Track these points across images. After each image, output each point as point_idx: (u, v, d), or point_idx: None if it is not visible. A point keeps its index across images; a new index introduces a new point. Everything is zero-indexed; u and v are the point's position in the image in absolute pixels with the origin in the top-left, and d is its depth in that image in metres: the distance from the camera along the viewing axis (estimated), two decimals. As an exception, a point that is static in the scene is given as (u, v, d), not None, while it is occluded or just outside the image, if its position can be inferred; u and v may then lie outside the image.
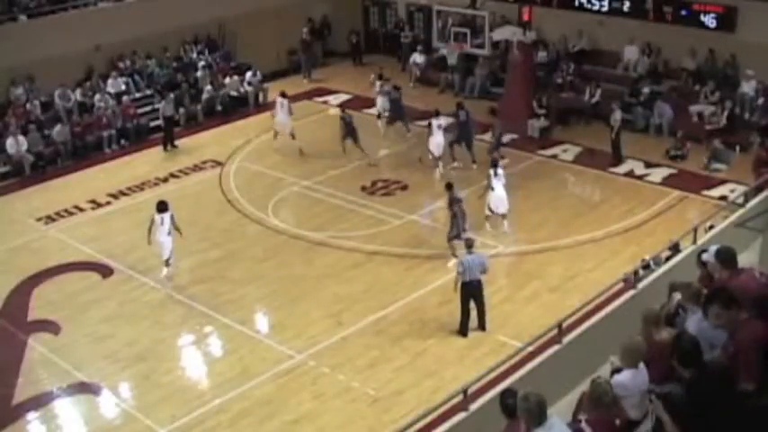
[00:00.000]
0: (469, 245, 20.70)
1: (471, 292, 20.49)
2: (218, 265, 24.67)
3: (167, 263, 23.88)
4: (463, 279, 20.26)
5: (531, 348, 13.81)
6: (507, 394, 10.14)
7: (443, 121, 29.91)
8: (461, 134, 30.15)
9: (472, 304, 20.74)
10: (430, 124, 29.72)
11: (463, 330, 20.79)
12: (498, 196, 25.36)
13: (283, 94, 32.43)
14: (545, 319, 17.08)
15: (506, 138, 31.88)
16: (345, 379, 19.46)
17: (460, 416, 11.47)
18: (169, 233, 23.56)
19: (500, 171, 25.47)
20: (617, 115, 30.04)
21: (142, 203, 28.74)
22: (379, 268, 24.09)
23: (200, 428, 18.28)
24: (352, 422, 18.16)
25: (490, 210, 25.56)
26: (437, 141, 29.67)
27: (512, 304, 22.05)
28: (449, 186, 24.28)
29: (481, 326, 20.95)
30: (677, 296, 11.48)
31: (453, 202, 23.88)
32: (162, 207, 23.63)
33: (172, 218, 23.61)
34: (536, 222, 26.29)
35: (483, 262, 20.62)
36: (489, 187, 25.28)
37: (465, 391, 11.56)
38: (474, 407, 11.52)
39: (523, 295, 22.46)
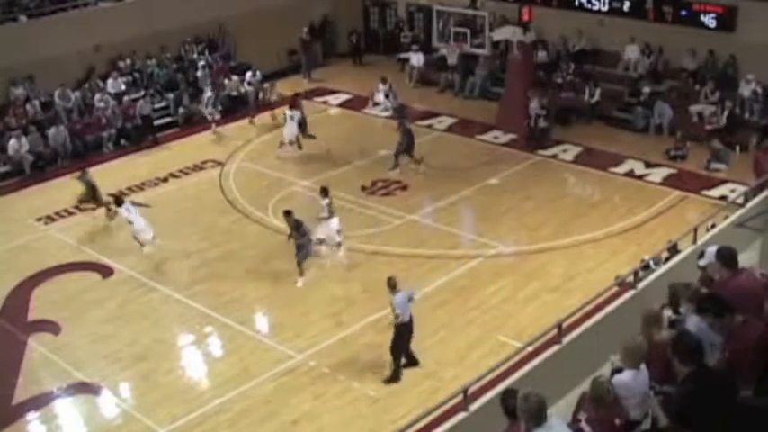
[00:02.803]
0: (393, 285, 19.15)
1: (410, 329, 19.37)
2: (218, 265, 24.67)
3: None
4: (403, 320, 19.06)
5: (530, 348, 13.82)
6: (507, 394, 10.12)
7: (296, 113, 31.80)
8: (409, 141, 30.07)
9: None
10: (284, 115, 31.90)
11: (397, 375, 19.43)
12: (334, 227, 24.91)
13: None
14: (545, 320, 17.11)
15: (507, 138, 31.91)
16: (345, 379, 19.47)
17: (460, 416, 11.46)
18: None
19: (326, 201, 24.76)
20: (533, 104, 31.56)
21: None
22: (378, 268, 24.05)
23: (200, 428, 18.29)
24: (352, 422, 18.16)
25: (322, 239, 24.85)
26: (289, 130, 31.58)
27: (512, 304, 22.04)
28: (287, 213, 23.40)
29: (414, 362, 19.75)
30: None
31: (298, 228, 23.11)
32: (119, 201, 25.43)
33: (133, 203, 25.23)
34: (536, 222, 26.27)
35: (411, 294, 19.43)
36: (328, 215, 24.72)
37: (465, 392, 11.56)
38: (474, 407, 11.51)
39: (523, 295, 22.45)
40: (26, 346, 21.66)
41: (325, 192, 24.69)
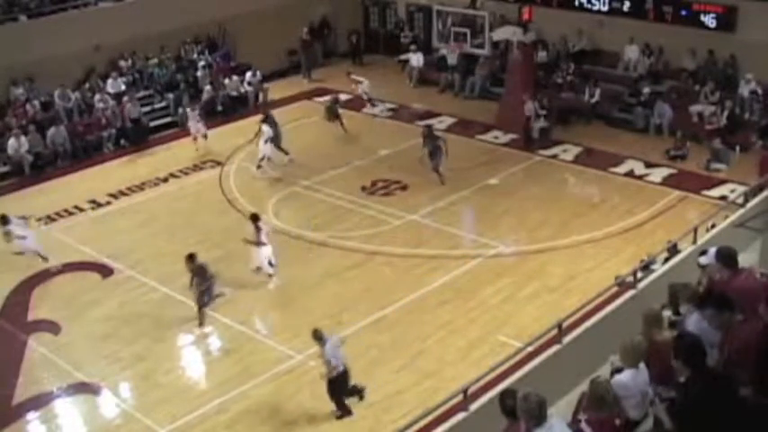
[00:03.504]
0: (319, 336, 18.34)
1: (346, 376, 18.54)
2: (218, 265, 24.51)
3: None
4: (338, 370, 18.33)
5: (531, 348, 13.81)
6: (507, 394, 10.11)
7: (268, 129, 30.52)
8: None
9: None
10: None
11: (348, 411, 18.54)
12: (264, 256, 23.72)
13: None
14: (545, 320, 17.10)
15: (507, 138, 31.93)
16: (345, 379, 19.43)
17: (460, 416, 11.46)
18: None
19: (263, 227, 23.57)
20: (528, 107, 31.60)
21: (142, 203, 28.93)
22: (378, 268, 24.10)
23: (199, 428, 18.31)
24: (351, 422, 18.16)
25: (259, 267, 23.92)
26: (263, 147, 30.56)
27: (512, 304, 22.04)
28: (190, 257, 22.13)
29: (359, 392, 18.89)
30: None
31: (201, 273, 21.93)
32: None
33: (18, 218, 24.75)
34: (536, 222, 26.28)
35: (338, 341, 18.68)
36: (259, 243, 23.59)
37: (465, 392, 11.55)
38: (474, 407, 11.51)
39: (524, 295, 22.45)
40: (26, 345, 21.68)
41: (255, 219, 23.71)
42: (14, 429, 18.86)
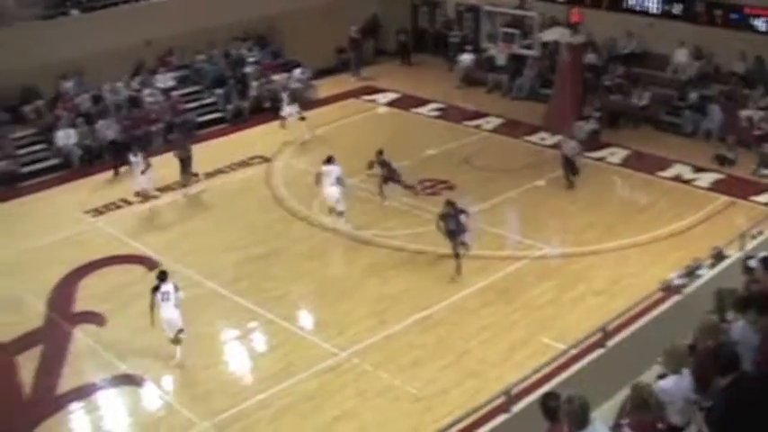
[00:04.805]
0: None
1: None
2: (262, 262, 24.76)
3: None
4: None
5: (574, 351, 13.81)
6: (550, 396, 10.10)
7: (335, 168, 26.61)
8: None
9: None
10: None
11: None
12: (167, 318, 20.34)
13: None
14: (590, 323, 17.09)
15: (554, 139, 31.78)
16: (388, 377, 19.46)
17: (502, 417, 11.48)
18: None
19: (169, 287, 20.36)
20: (572, 144, 29.08)
21: (189, 198, 29.08)
22: (423, 268, 24.09)
23: (241, 423, 18.36)
24: (393, 421, 18.16)
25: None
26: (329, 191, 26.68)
27: (557, 306, 21.96)
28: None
29: None
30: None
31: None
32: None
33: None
34: (583, 225, 26.16)
35: None
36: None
37: (508, 393, 11.56)
38: (516, 409, 11.52)
39: (569, 297, 22.35)
40: (71, 336, 21.92)
41: (162, 276, 20.71)
42: (58, 419, 19.03)
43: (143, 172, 28.69)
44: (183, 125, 34.82)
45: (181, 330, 20.24)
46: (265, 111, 36.29)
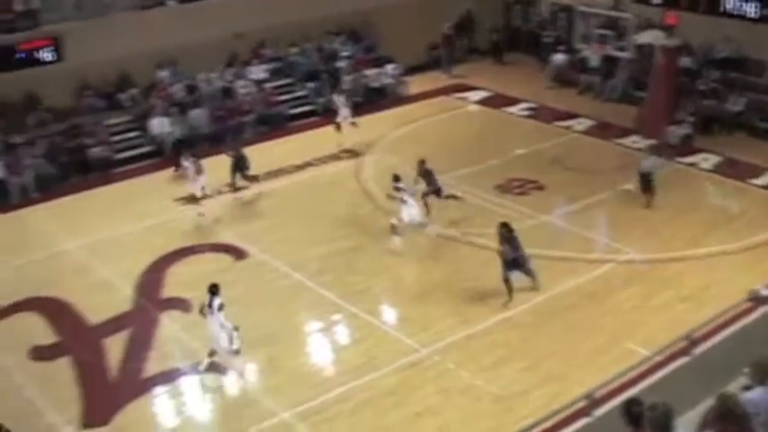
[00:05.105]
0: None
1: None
2: (349, 255, 24.88)
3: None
4: None
5: (659, 358, 13.72)
6: (633, 402, 10.06)
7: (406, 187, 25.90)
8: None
9: None
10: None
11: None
12: (209, 332, 19.93)
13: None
14: (675, 330, 16.92)
15: (646, 143, 31.44)
16: (470, 376, 19.40)
17: (583, 421, 11.48)
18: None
19: (215, 303, 19.58)
20: (650, 160, 28.10)
21: (278, 190, 29.42)
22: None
23: (321, 416, 18.44)
24: (474, 420, 18.10)
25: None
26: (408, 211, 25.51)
27: (642, 312, 21.68)
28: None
29: None
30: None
31: None
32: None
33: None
34: (671, 230, 25.82)
35: None
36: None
37: (590, 397, 11.54)
38: (598, 413, 11.49)
39: (654, 303, 22.06)
40: (158, 322, 22.28)
41: (214, 290, 19.78)
42: (142, 402, 19.31)
43: (198, 174, 28.25)
44: (275, 117, 35.14)
45: (213, 352, 19.89)
46: (356, 106, 36.33)
